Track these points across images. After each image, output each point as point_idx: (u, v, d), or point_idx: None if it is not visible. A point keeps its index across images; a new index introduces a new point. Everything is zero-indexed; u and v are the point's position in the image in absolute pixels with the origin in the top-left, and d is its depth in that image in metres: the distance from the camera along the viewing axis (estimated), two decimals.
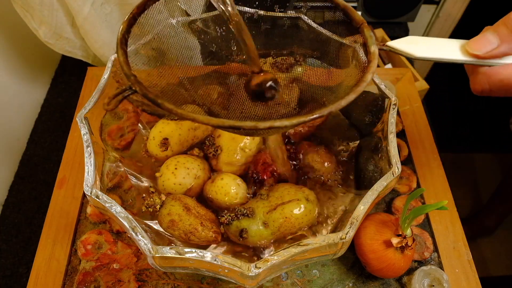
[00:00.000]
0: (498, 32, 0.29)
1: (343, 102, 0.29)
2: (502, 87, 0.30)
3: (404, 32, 0.98)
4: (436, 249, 0.53)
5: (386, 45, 0.33)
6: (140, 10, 0.34)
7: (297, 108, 0.40)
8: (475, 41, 0.30)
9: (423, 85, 0.81)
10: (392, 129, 0.40)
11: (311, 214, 0.44)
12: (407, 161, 0.61)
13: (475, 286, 0.50)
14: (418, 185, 0.58)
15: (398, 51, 0.32)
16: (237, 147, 0.47)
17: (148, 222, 0.45)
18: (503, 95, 0.31)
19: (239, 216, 0.42)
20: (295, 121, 0.28)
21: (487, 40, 0.30)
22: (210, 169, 0.49)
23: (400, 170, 0.37)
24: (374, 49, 0.33)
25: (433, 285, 0.48)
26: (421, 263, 0.52)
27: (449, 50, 0.31)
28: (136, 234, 0.34)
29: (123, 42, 0.32)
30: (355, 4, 0.89)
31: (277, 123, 0.27)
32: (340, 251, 0.38)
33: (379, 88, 0.44)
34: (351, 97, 0.29)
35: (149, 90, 0.29)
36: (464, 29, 1.10)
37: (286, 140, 0.52)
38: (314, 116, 0.28)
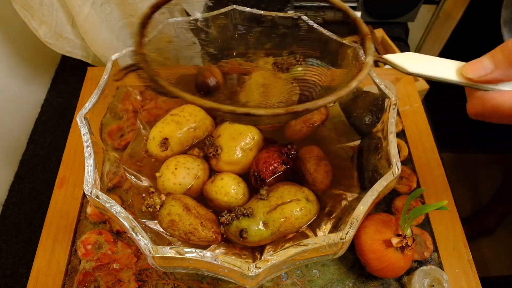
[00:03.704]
0: (494, 58, 0.30)
1: (320, 103, 0.30)
2: (495, 113, 0.30)
3: (404, 32, 0.97)
4: (436, 249, 0.53)
5: (383, 57, 0.33)
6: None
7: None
8: (470, 65, 0.31)
9: (423, 85, 0.81)
10: (392, 129, 0.40)
11: (311, 214, 0.44)
12: (407, 161, 0.61)
13: (475, 286, 0.50)
14: (418, 185, 0.58)
15: (393, 64, 0.32)
16: (237, 147, 0.47)
17: (148, 222, 0.45)
18: (497, 122, 0.31)
19: (239, 216, 0.42)
20: (271, 112, 0.29)
21: (482, 65, 0.30)
22: (210, 169, 0.49)
23: (400, 170, 0.37)
24: (369, 59, 0.33)
25: (433, 285, 0.48)
26: (421, 263, 0.52)
27: (444, 69, 0.32)
28: (136, 234, 0.34)
29: (143, 25, 0.34)
30: (355, 4, 0.89)
31: (253, 111, 0.29)
32: (340, 251, 0.38)
33: (379, 88, 0.44)
34: (329, 99, 0.30)
35: (152, 69, 0.32)
36: (464, 29, 1.10)
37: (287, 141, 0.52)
38: (289, 111, 0.29)
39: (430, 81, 0.83)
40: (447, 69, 0.32)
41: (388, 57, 0.33)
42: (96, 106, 0.42)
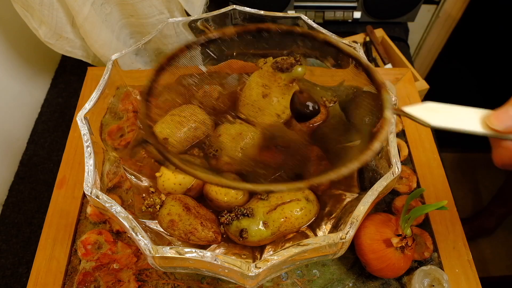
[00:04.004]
0: None
1: (344, 171, 0.29)
2: None
3: (404, 32, 0.97)
4: (436, 249, 0.53)
5: (402, 111, 0.31)
6: (169, 59, 0.34)
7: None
8: (496, 115, 0.29)
9: (423, 85, 0.81)
10: (392, 129, 0.40)
11: (311, 214, 0.44)
12: (407, 161, 0.61)
13: (475, 286, 0.50)
14: (418, 185, 0.58)
15: (414, 118, 0.31)
16: (237, 147, 0.47)
17: (148, 222, 0.45)
18: None
19: (239, 216, 0.42)
20: (293, 187, 0.28)
21: (508, 115, 0.28)
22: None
23: (400, 170, 0.37)
24: (388, 114, 0.31)
25: (433, 285, 0.48)
26: (421, 263, 0.52)
27: (468, 121, 0.30)
28: (136, 234, 0.34)
29: (147, 93, 0.32)
30: (355, 4, 0.89)
31: (273, 188, 0.28)
32: (340, 251, 0.38)
33: None
34: (354, 166, 0.29)
35: (160, 143, 0.31)
36: (464, 29, 1.10)
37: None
38: (312, 184, 0.28)
39: (430, 81, 0.82)
40: (470, 120, 0.30)
41: (408, 110, 0.31)
42: (96, 106, 0.42)
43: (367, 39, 0.89)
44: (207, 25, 0.46)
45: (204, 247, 0.44)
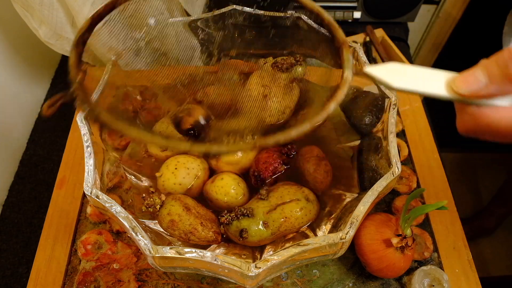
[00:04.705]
0: (488, 71, 0.26)
1: (293, 133, 0.27)
2: (489, 132, 0.27)
3: (404, 32, 0.98)
4: (436, 249, 0.53)
5: (363, 71, 0.29)
6: (107, 9, 0.33)
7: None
8: (461, 78, 0.27)
9: None
10: (392, 129, 0.40)
11: (311, 214, 0.44)
12: (407, 161, 0.61)
13: (475, 286, 0.50)
14: (418, 185, 0.58)
15: (375, 79, 0.29)
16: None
17: (148, 222, 0.45)
18: (490, 139, 0.28)
19: (239, 216, 0.42)
20: (235, 148, 0.27)
21: (475, 78, 0.26)
22: (210, 169, 0.49)
23: (400, 170, 0.37)
24: (347, 74, 0.29)
25: (433, 285, 0.48)
26: (421, 263, 0.52)
27: (432, 84, 0.28)
28: (136, 234, 0.34)
29: (80, 42, 0.31)
30: (355, 4, 0.89)
31: (214, 149, 0.27)
32: (340, 251, 0.38)
33: (379, 88, 0.44)
34: (304, 128, 0.28)
35: (89, 99, 0.28)
36: (464, 29, 1.10)
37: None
38: (258, 145, 0.27)
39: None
40: (436, 83, 0.28)
41: (370, 70, 0.29)
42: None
43: (367, 39, 0.89)
44: None
45: (204, 247, 0.44)
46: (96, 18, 0.32)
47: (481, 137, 0.28)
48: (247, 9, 0.49)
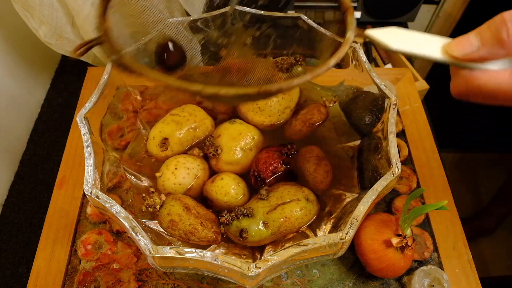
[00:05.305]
0: (481, 35, 0.28)
1: (296, 81, 0.29)
2: (479, 93, 0.29)
3: None
4: (436, 249, 0.53)
5: (364, 33, 0.32)
6: None
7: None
8: (456, 42, 0.29)
9: (423, 85, 0.81)
10: (392, 129, 0.40)
11: (311, 214, 0.44)
12: (407, 161, 0.61)
13: (475, 286, 0.50)
14: (418, 185, 0.58)
15: (375, 40, 0.31)
16: (237, 147, 0.47)
17: (148, 222, 0.45)
18: (480, 101, 0.29)
19: (239, 216, 0.42)
20: (242, 92, 0.28)
21: (468, 42, 0.28)
22: (210, 169, 0.49)
23: (400, 170, 0.37)
24: (350, 35, 0.32)
25: (433, 285, 0.48)
26: (421, 263, 0.52)
27: (428, 47, 0.30)
28: (136, 234, 0.34)
29: None
30: (355, 4, 0.89)
31: (223, 91, 0.28)
32: (340, 251, 0.38)
33: (379, 88, 0.44)
34: (306, 77, 0.29)
35: (115, 44, 0.31)
36: (464, 29, 1.10)
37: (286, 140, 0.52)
38: (262, 91, 0.28)
39: (430, 81, 0.82)
40: (432, 46, 0.30)
41: (370, 32, 0.30)
42: (96, 106, 0.42)
43: (367, 39, 0.89)
44: None
45: (204, 247, 0.44)
46: None
47: (472, 99, 0.30)
48: (247, 9, 0.49)
